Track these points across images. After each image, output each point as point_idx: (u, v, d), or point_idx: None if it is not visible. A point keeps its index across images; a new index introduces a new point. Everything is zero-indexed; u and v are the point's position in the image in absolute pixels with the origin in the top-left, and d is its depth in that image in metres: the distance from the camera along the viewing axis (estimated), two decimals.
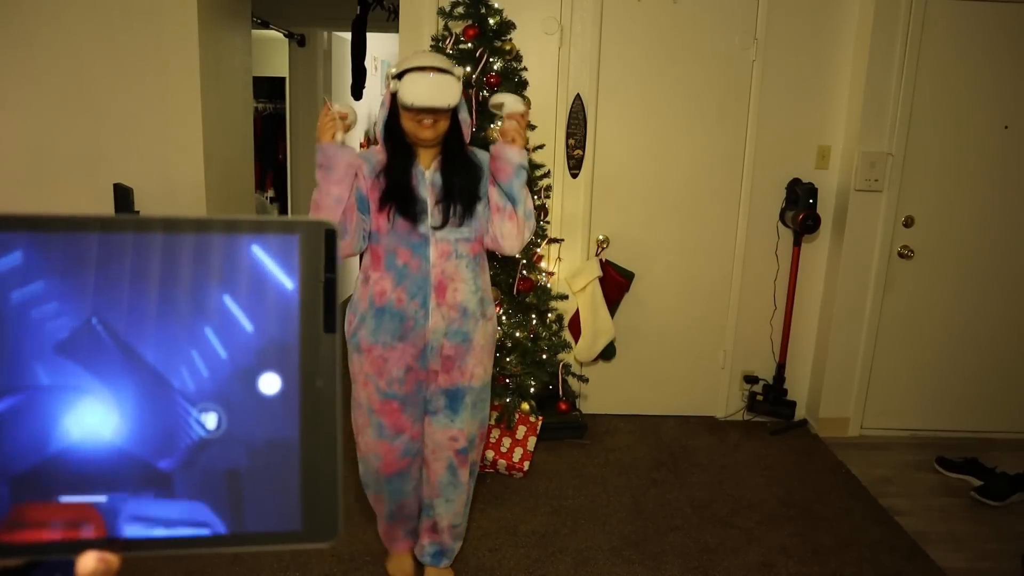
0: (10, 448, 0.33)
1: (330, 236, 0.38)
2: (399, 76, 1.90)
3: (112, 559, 0.35)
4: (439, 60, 1.97)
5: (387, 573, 2.41)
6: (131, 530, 0.35)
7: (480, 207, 2.05)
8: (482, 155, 2.10)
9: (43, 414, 0.33)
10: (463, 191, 2.01)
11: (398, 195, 1.97)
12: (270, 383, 0.33)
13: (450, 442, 2.16)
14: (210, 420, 0.32)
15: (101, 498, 0.34)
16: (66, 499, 0.34)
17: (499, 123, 1.95)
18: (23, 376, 0.32)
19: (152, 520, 0.34)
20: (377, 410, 2.10)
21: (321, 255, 0.37)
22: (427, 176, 2.02)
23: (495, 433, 3.18)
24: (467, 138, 2.08)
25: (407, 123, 1.95)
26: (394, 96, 1.95)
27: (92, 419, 0.32)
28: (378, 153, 2.05)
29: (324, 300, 0.36)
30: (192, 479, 0.33)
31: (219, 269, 0.37)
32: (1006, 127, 3.44)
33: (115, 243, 0.35)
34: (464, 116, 2.05)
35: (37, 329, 0.33)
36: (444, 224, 2.00)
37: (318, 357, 0.34)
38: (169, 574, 2.39)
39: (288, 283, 0.36)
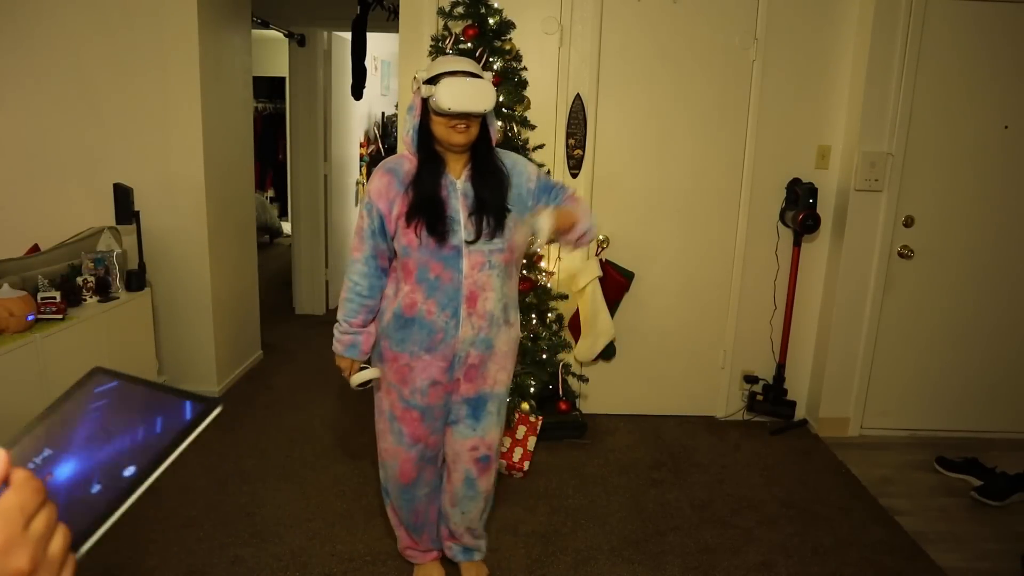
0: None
1: (203, 411, 0.58)
2: (432, 81, 1.88)
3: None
4: (471, 64, 1.93)
5: None
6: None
7: (510, 219, 2.01)
8: (509, 159, 2.06)
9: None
10: (495, 204, 1.98)
11: (428, 211, 1.93)
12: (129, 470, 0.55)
13: (470, 452, 2.16)
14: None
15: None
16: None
17: (541, 235, 1.92)
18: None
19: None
20: (399, 417, 2.11)
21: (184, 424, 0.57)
22: (458, 186, 1.98)
23: None
24: (495, 142, 2.06)
25: (439, 128, 1.92)
26: (425, 101, 1.92)
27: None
28: (408, 162, 2.00)
29: (161, 450, 0.55)
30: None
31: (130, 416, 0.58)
32: (1006, 127, 3.44)
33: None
34: (493, 120, 2.03)
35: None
36: (477, 239, 1.96)
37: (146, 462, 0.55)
38: (169, 574, 2.40)
39: (157, 428, 0.57)
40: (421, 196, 1.93)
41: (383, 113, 7.69)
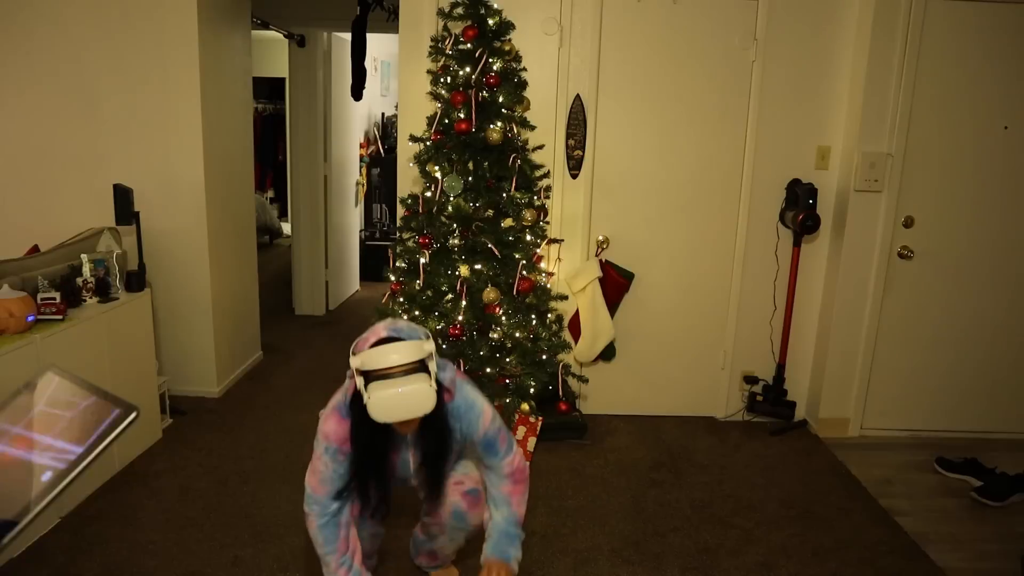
0: None
1: (118, 417, 0.62)
2: (365, 379, 1.66)
3: None
4: (405, 356, 1.65)
5: None
6: None
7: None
8: (460, 413, 1.87)
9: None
10: (442, 465, 1.94)
11: (363, 494, 1.88)
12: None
13: (456, 486, 2.05)
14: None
15: None
16: None
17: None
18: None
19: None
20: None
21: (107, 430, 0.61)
22: (409, 439, 1.90)
23: None
24: (448, 398, 1.85)
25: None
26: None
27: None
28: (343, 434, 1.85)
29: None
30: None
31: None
32: (1006, 127, 3.44)
33: None
34: (444, 379, 1.82)
35: None
36: (433, 495, 1.98)
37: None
38: (169, 574, 2.40)
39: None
40: (364, 475, 1.85)
41: (383, 114, 7.70)
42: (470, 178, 3.03)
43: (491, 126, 2.98)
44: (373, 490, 1.88)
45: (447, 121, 3.03)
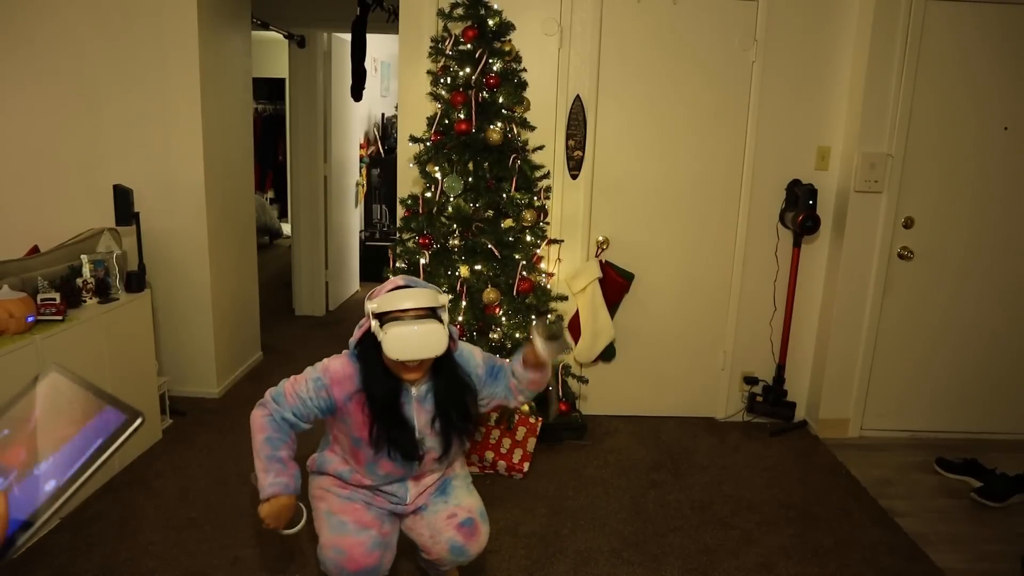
0: None
1: (124, 424, 0.61)
2: (380, 321, 1.76)
3: None
4: (421, 300, 1.77)
5: None
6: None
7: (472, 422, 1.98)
8: (457, 353, 1.95)
9: None
10: (461, 419, 1.92)
11: (398, 442, 1.87)
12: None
13: (448, 520, 2.00)
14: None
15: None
16: None
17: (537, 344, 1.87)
18: None
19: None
20: (338, 510, 1.96)
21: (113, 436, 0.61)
22: (413, 394, 1.89)
23: (495, 434, 3.18)
24: (455, 347, 1.95)
25: (389, 362, 1.81)
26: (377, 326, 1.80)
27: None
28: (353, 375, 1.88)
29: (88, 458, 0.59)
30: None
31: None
32: (1006, 128, 3.44)
33: None
34: (454, 332, 1.91)
35: None
36: (445, 455, 1.95)
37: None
38: (169, 574, 2.40)
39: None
40: (386, 423, 1.85)
41: (383, 114, 7.70)
42: (470, 179, 3.03)
43: (491, 127, 2.98)
44: (398, 434, 1.87)
45: (447, 122, 3.03)
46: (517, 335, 3.06)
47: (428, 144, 3.08)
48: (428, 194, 3.07)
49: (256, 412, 1.88)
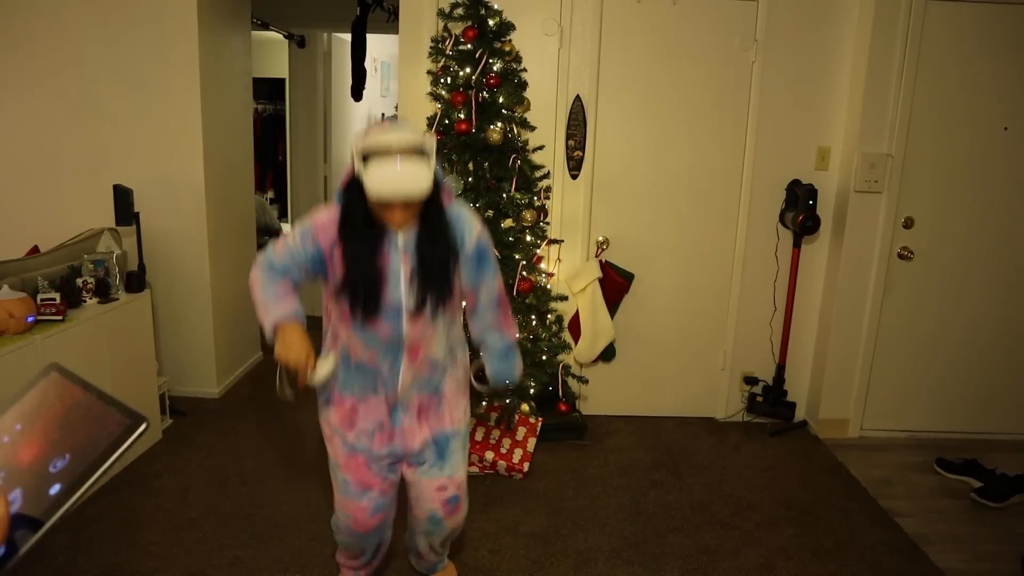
0: None
1: (128, 428, 0.62)
2: (364, 158, 1.68)
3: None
4: (407, 137, 1.68)
5: None
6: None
7: (456, 286, 1.90)
8: (454, 213, 1.87)
9: None
10: (440, 277, 1.82)
11: (363, 291, 1.79)
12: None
13: (437, 492, 2.02)
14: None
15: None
16: None
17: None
18: None
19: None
20: (342, 465, 2.00)
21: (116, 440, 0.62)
22: (399, 243, 1.79)
23: (495, 434, 3.18)
24: (447, 200, 1.86)
25: (374, 207, 1.73)
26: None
27: None
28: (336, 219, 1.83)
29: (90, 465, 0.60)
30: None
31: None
32: (1005, 128, 3.44)
33: None
34: (442, 179, 1.84)
35: None
36: (419, 310, 1.83)
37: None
38: (169, 574, 2.40)
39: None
40: (356, 268, 1.78)
41: (383, 114, 7.69)
42: (470, 179, 3.03)
43: (491, 127, 2.98)
44: (362, 287, 1.79)
45: (447, 122, 3.03)
46: (517, 335, 3.06)
47: None
48: None
49: (251, 274, 1.89)
